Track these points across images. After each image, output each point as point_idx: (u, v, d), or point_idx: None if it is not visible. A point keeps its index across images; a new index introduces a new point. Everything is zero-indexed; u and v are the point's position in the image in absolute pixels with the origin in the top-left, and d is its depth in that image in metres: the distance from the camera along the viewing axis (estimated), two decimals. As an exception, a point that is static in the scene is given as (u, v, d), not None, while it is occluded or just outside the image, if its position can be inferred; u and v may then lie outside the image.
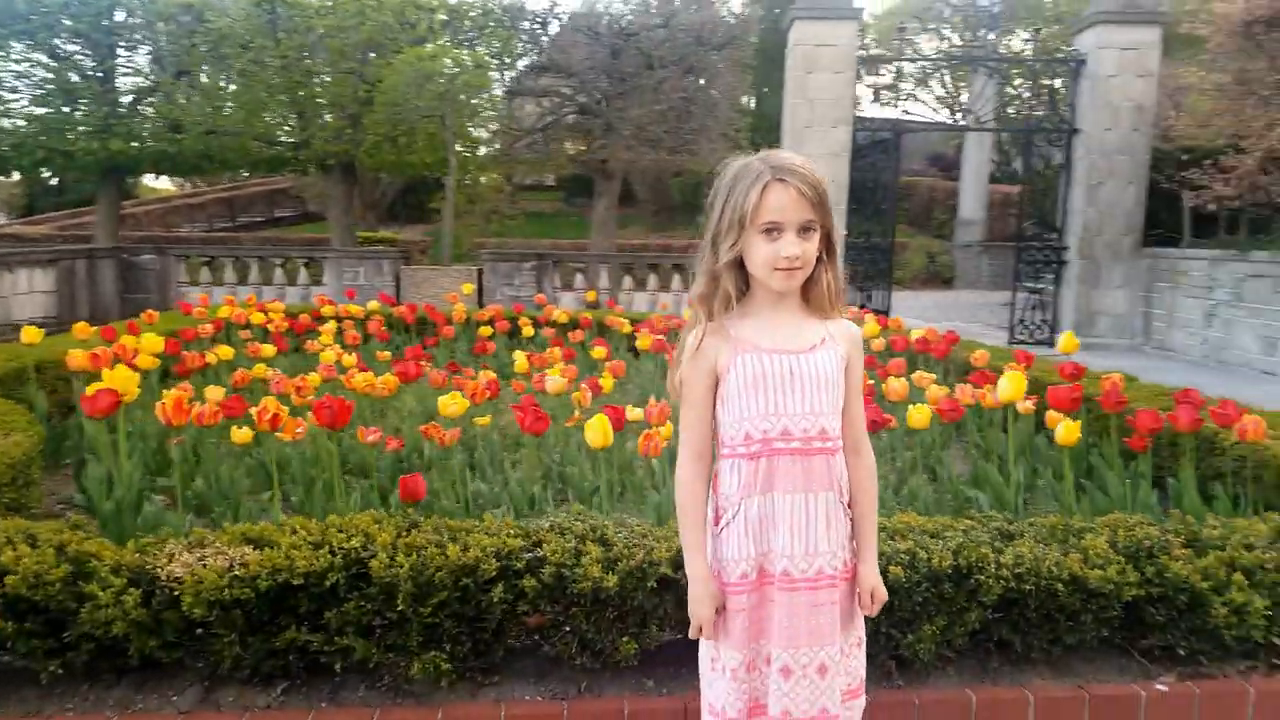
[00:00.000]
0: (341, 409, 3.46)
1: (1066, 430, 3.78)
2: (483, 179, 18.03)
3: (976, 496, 4.05)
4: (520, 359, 6.02)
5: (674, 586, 2.77)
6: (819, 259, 1.86)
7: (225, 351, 6.45)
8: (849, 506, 1.95)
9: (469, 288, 10.43)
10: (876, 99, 22.91)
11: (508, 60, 16.97)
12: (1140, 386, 5.33)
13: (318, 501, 4.02)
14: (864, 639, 2.03)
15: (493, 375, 5.34)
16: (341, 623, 2.61)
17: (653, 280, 13.36)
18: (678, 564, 2.78)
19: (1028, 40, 20.97)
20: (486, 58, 15.43)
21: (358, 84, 15.96)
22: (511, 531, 2.82)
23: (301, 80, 16.09)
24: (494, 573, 2.64)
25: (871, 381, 5.12)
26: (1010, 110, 15.45)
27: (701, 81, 15.55)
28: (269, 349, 6.58)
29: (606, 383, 4.87)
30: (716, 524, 1.93)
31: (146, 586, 2.57)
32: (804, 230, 1.79)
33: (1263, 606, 2.82)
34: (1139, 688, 2.85)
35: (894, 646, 2.83)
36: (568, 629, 2.74)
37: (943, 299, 19.63)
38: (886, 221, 13.12)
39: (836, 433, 1.90)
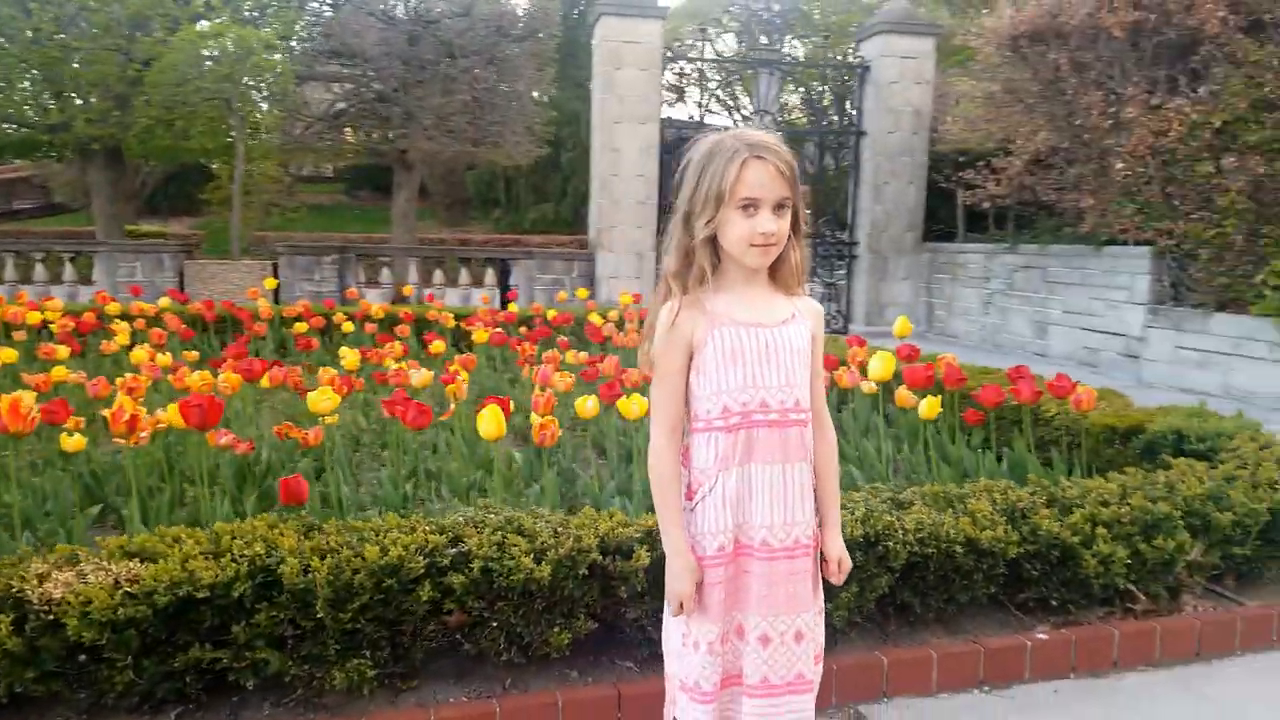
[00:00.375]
0: (212, 407, 3.15)
1: (929, 405, 4.03)
2: (262, 168, 16.99)
3: (850, 471, 4.23)
4: (350, 356, 5.73)
5: (602, 573, 2.72)
6: (788, 236, 1.87)
7: (8, 354, 5.74)
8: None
9: (271, 283, 9.80)
10: (681, 99, 23.44)
11: (294, 44, 16.05)
12: (964, 367, 5.75)
13: (161, 514, 3.65)
14: (823, 606, 2.07)
15: (334, 373, 5.04)
16: (251, 636, 2.39)
17: (465, 275, 13.07)
18: (606, 549, 2.74)
19: (810, 46, 22.13)
20: (275, 40, 14.49)
21: (125, 62, 14.58)
22: (429, 528, 2.67)
23: (59, 56, 14.51)
24: (420, 571, 2.49)
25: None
26: (798, 114, 16.30)
27: (500, 73, 15.33)
28: (63, 350, 5.91)
29: (464, 375, 4.72)
30: (690, 499, 1.91)
31: (15, 611, 2.23)
32: (779, 207, 1.80)
33: (1125, 555, 3.12)
34: (1024, 638, 3.08)
35: (811, 616, 2.91)
36: (495, 624, 2.63)
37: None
38: (694, 217, 13.46)
39: (808, 404, 1.93)
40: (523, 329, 8.63)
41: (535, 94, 16.72)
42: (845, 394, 5.74)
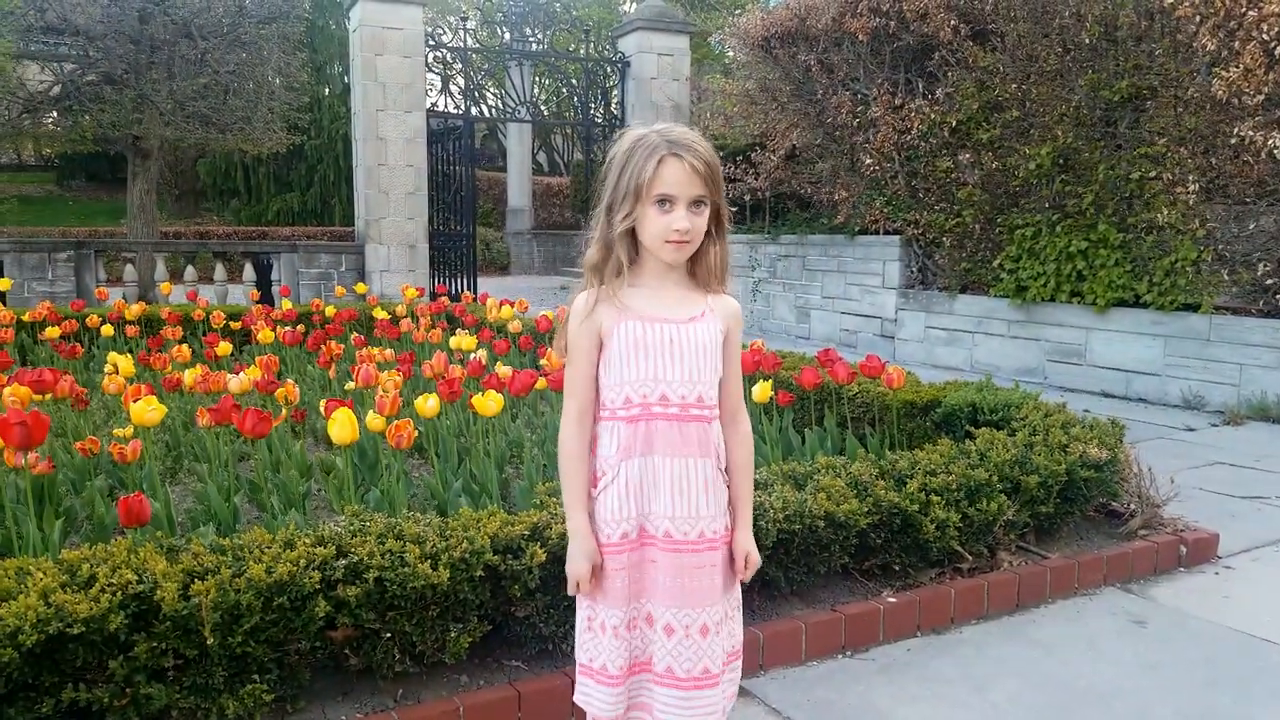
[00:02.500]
0: (37, 423, 2.74)
1: (762, 389, 4.21)
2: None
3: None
4: (124, 362, 5.19)
5: (494, 574, 2.65)
6: (708, 234, 1.92)
7: None
8: (725, 473, 2.03)
9: (6, 283, 8.64)
10: (445, 89, 22.86)
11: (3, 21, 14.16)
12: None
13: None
14: (741, 602, 2.12)
15: (122, 381, 4.54)
16: (130, 670, 2.14)
17: (220, 270, 12.10)
18: (498, 549, 2.67)
19: (574, 41, 22.28)
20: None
21: None
22: (309, 541, 2.50)
23: None
24: (315, 586, 2.33)
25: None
26: (556, 106, 16.38)
27: (245, 56, 14.29)
28: None
29: (293, 381, 4.41)
30: (595, 485, 1.95)
31: None
32: (695, 205, 1.84)
33: (957, 520, 3.42)
34: (876, 603, 3.31)
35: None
36: (387, 635, 2.52)
37: (505, 284, 20.31)
38: (466, 210, 13.24)
39: (713, 401, 1.97)
40: (300, 327, 8.15)
41: (292, 77, 15.71)
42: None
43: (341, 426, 3.15)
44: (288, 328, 6.98)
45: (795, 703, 2.85)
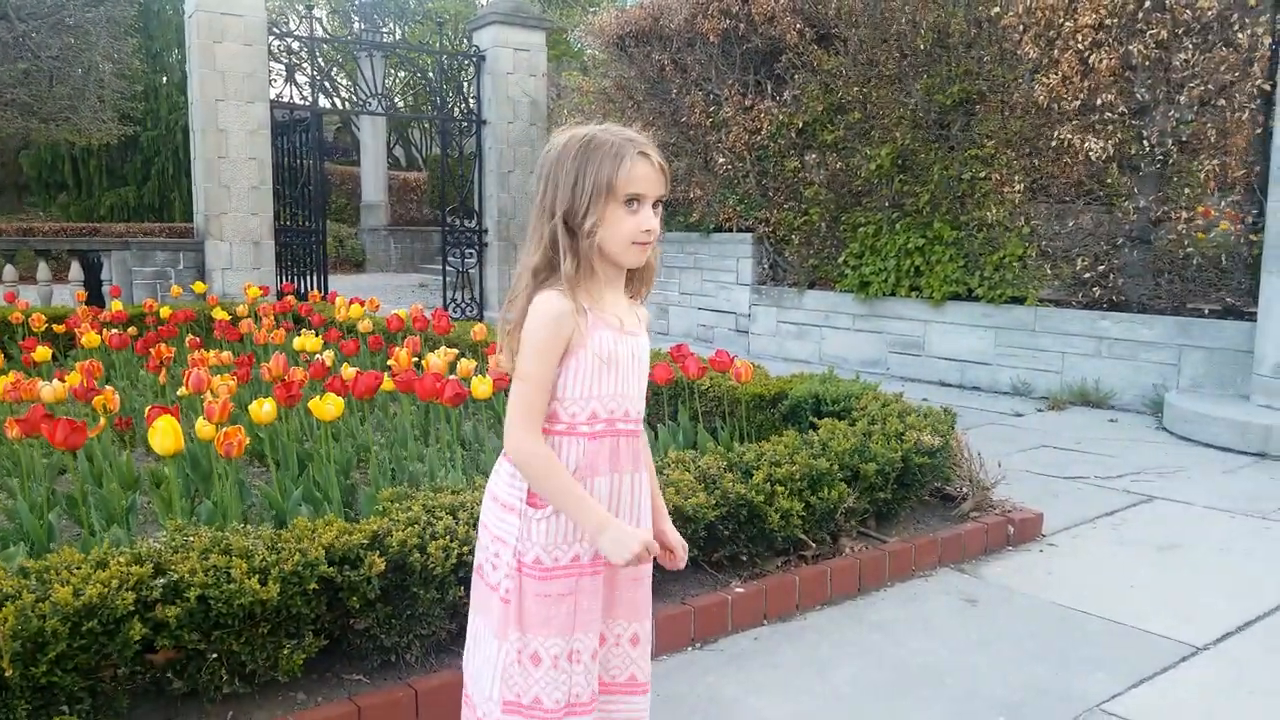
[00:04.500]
0: None
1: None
2: None
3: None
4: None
5: (331, 586, 2.56)
6: None
7: None
8: None
9: None
10: (291, 79, 21.91)
11: None
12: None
13: None
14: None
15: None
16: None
17: (44, 269, 11.29)
18: (334, 560, 2.58)
19: (425, 32, 21.79)
20: None
21: None
22: (123, 559, 2.35)
23: None
24: (130, 608, 2.19)
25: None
26: (413, 99, 15.99)
27: (72, 41, 13.39)
28: None
29: (112, 387, 4.14)
30: (543, 506, 1.81)
31: None
32: (657, 205, 1.80)
33: (800, 509, 3.51)
34: (724, 594, 3.37)
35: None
36: (214, 656, 2.38)
37: (360, 282, 19.71)
38: (316, 206, 12.77)
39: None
40: (132, 329, 7.69)
41: (111, 65, 14.79)
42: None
43: (163, 435, 2.97)
44: (115, 330, 6.56)
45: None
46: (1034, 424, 7.01)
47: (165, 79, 25.39)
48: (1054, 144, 7.57)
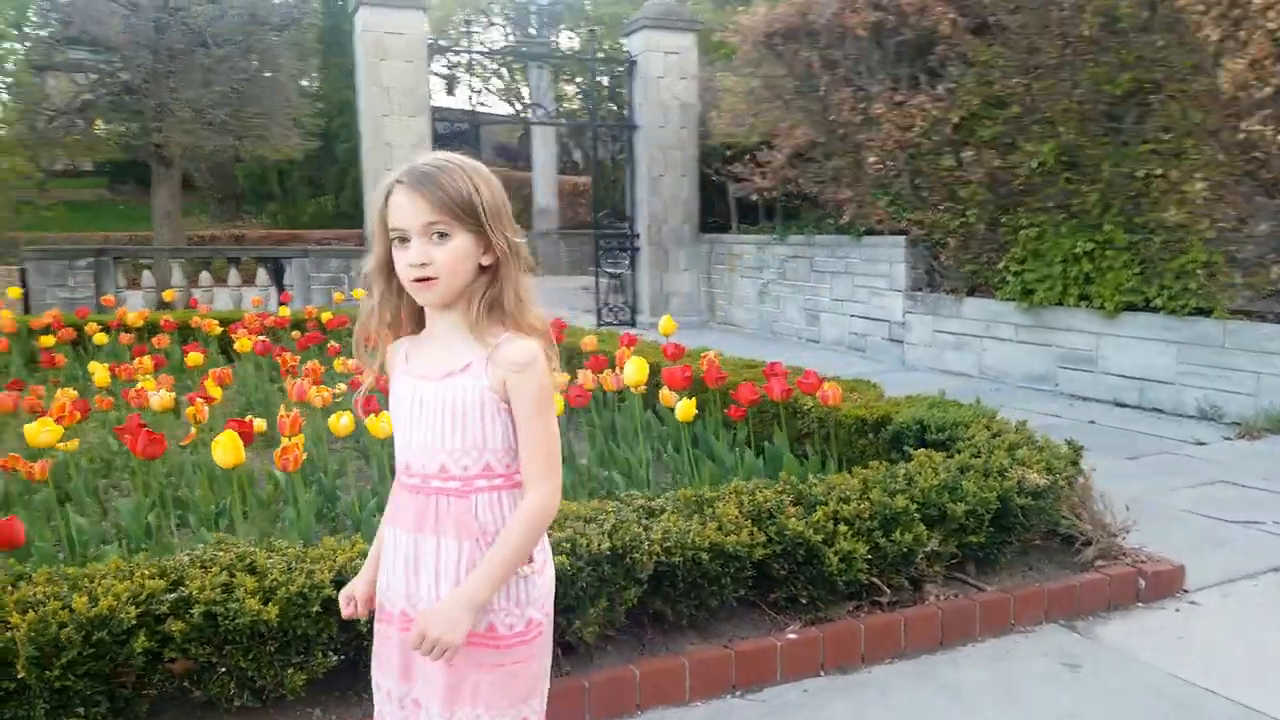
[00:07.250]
0: None
1: (685, 408, 4.00)
2: (9, 163, 15.29)
3: (611, 475, 4.16)
4: (100, 371, 5.17)
5: (336, 608, 2.49)
6: (483, 270, 1.63)
7: None
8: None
9: (15, 291, 8.75)
10: (451, 91, 22.86)
11: (26, 30, 14.50)
12: (727, 360, 5.81)
13: None
14: None
15: (74, 394, 4.46)
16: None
17: (234, 275, 12.17)
18: (341, 582, 2.51)
19: (575, 38, 22.12)
20: (4, 26, 13.00)
21: None
22: (148, 572, 2.44)
23: None
24: (133, 621, 2.29)
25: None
26: (572, 106, 16.21)
27: (257, 63, 14.41)
28: None
29: (215, 392, 4.32)
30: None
31: None
32: (436, 235, 1.56)
33: (864, 551, 3.17)
34: (774, 639, 3.09)
35: (561, 634, 2.78)
36: (223, 670, 2.43)
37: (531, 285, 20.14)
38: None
39: (469, 472, 1.65)
40: (295, 333, 8.11)
41: (301, 84, 15.85)
42: (622, 393, 5.69)
43: (224, 450, 3.03)
44: (262, 338, 6.90)
45: (659, 754, 2.64)
46: (1217, 454, 6.17)
47: (356, 95, 27.01)
48: (1241, 136, 6.69)
